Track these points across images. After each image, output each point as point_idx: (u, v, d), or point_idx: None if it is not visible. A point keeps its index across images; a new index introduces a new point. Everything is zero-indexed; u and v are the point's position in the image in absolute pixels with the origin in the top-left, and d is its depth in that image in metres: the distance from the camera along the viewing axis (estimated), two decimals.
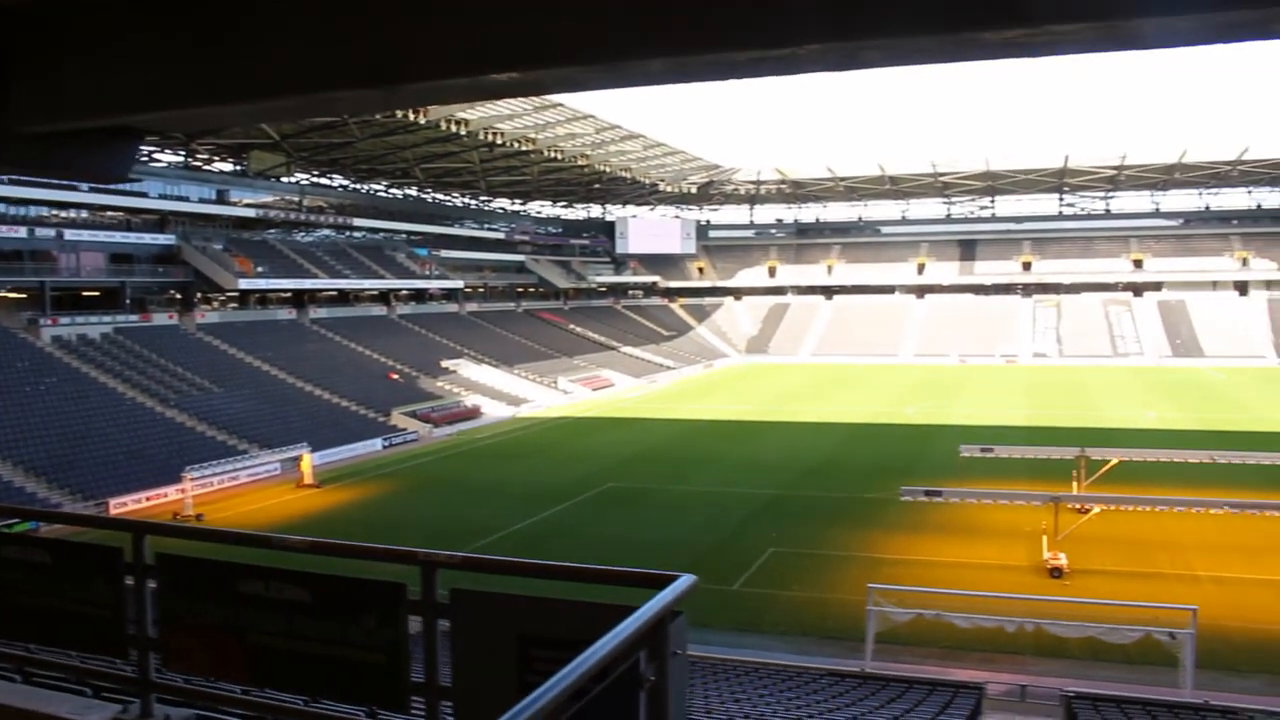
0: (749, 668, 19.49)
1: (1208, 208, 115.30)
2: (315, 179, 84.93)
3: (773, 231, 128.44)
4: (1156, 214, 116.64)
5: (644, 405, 69.41)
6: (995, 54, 3.48)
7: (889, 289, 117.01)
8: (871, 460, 46.08)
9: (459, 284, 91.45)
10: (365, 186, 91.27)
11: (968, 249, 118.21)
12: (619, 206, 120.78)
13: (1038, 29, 2.54)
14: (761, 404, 68.33)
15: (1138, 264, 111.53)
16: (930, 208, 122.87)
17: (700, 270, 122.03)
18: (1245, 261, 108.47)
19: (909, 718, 14.95)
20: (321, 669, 4.18)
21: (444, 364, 72.29)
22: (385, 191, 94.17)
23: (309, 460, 43.84)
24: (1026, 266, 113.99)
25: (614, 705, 2.72)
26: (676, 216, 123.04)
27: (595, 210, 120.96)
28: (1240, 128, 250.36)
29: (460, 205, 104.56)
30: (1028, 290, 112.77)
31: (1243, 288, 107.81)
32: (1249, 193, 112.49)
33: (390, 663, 4.04)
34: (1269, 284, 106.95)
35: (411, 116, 64.32)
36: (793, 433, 55.50)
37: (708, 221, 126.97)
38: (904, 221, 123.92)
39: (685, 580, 3.19)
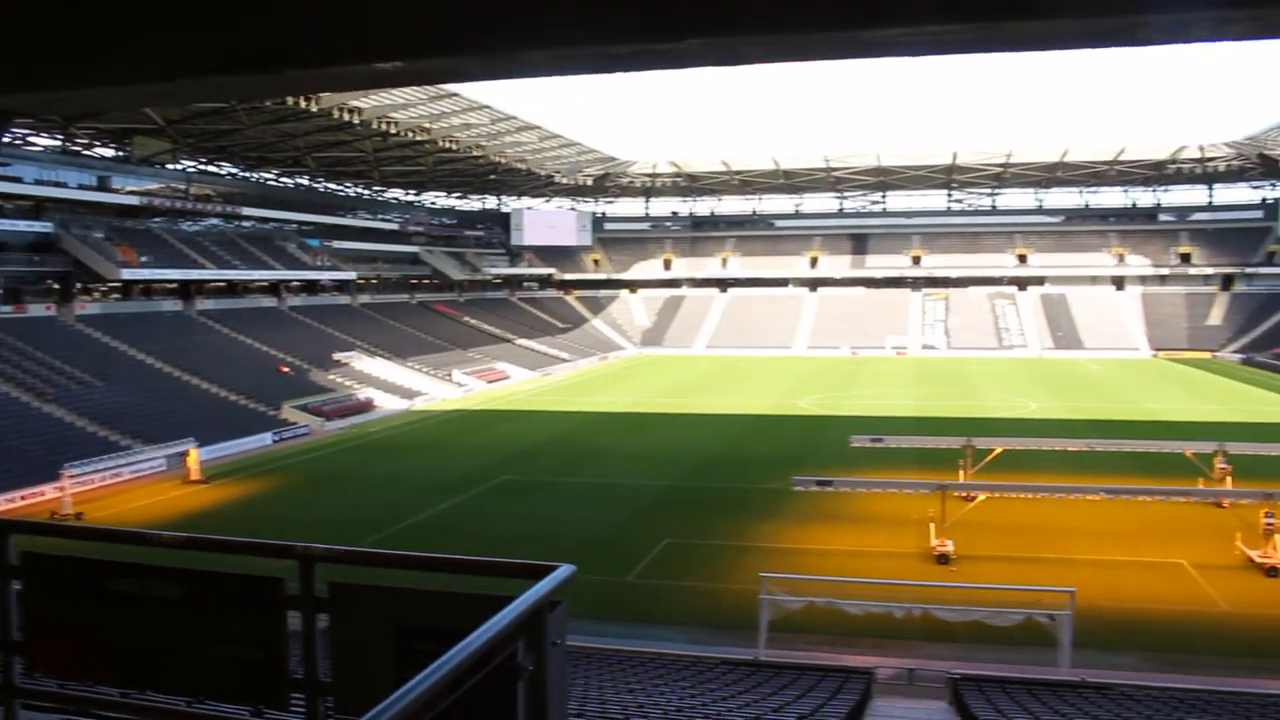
0: (644, 658, 19.59)
1: (1087, 205, 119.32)
2: (202, 166, 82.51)
3: (668, 224, 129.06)
4: (1039, 211, 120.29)
5: (540, 398, 69.20)
6: (877, 53, 3.53)
7: (783, 282, 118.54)
8: (765, 451, 46.63)
9: (352, 275, 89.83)
10: (255, 175, 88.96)
11: (859, 243, 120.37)
12: (515, 198, 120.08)
13: (917, 29, 2.58)
14: (657, 396, 68.68)
15: (1022, 259, 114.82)
16: (823, 202, 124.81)
17: (596, 263, 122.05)
18: (1122, 258, 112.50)
19: (801, 704, 15.18)
20: (198, 668, 4.07)
21: (336, 357, 71.07)
22: (276, 180, 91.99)
23: (196, 455, 42.73)
24: (916, 260, 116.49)
25: (492, 695, 2.72)
26: (572, 209, 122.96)
27: (491, 202, 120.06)
28: (1118, 130, 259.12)
29: (353, 195, 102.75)
30: (917, 284, 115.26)
31: (1119, 282, 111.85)
32: (1125, 192, 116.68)
33: (268, 659, 3.96)
34: (1143, 279, 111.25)
35: (303, 104, 63.03)
36: (688, 424, 55.91)
37: (603, 214, 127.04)
38: (797, 215, 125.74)
39: (564, 570, 3.19)
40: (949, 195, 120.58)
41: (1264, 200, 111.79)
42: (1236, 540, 28.74)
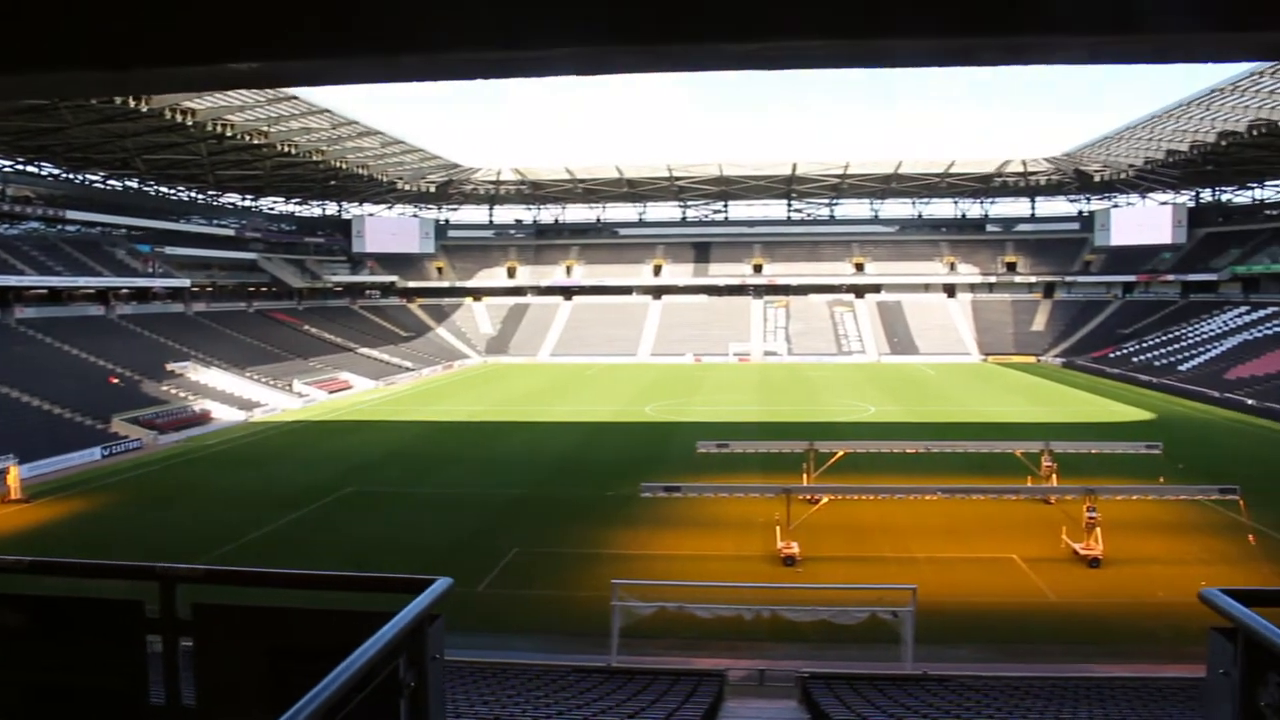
0: (495, 669, 19.38)
1: (920, 216, 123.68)
2: (20, 166, 78.40)
3: (512, 232, 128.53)
4: (876, 221, 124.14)
5: (383, 407, 67.99)
6: (737, 65, 3.51)
7: (627, 290, 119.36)
8: (613, 458, 46.81)
9: (185, 283, 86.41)
10: (80, 176, 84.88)
11: (702, 251, 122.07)
12: (356, 205, 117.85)
13: (775, 43, 2.60)
14: (503, 404, 68.24)
15: (859, 267, 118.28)
16: (667, 211, 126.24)
17: (439, 270, 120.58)
18: (953, 266, 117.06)
19: (655, 709, 15.26)
20: (52, 700, 3.84)
21: (170, 367, 68.36)
22: (103, 182, 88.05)
23: (16, 473, 40.42)
24: (758, 269, 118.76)
25: (374, 714, 2.66)
26: (415, 215, 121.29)
27: (331, 208, 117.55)
28: (948, 144, 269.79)
29: (187, 199, 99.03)
30: (759, 291, 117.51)
31: (950, 290, 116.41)
32: (955, 203, 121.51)
33: (128, 688, 3.77)
34: (973, 287, 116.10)
35: (132, 103, 60.53)
36: (535, 433, 55.68)
37: (447, 221, 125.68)
38: (641, 224, 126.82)
39: (442, 583, 3.15)
40: (789, 205, 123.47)
41: (1080, 213, 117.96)
42: (1062, 534, 30.19)
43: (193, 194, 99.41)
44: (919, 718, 14.41)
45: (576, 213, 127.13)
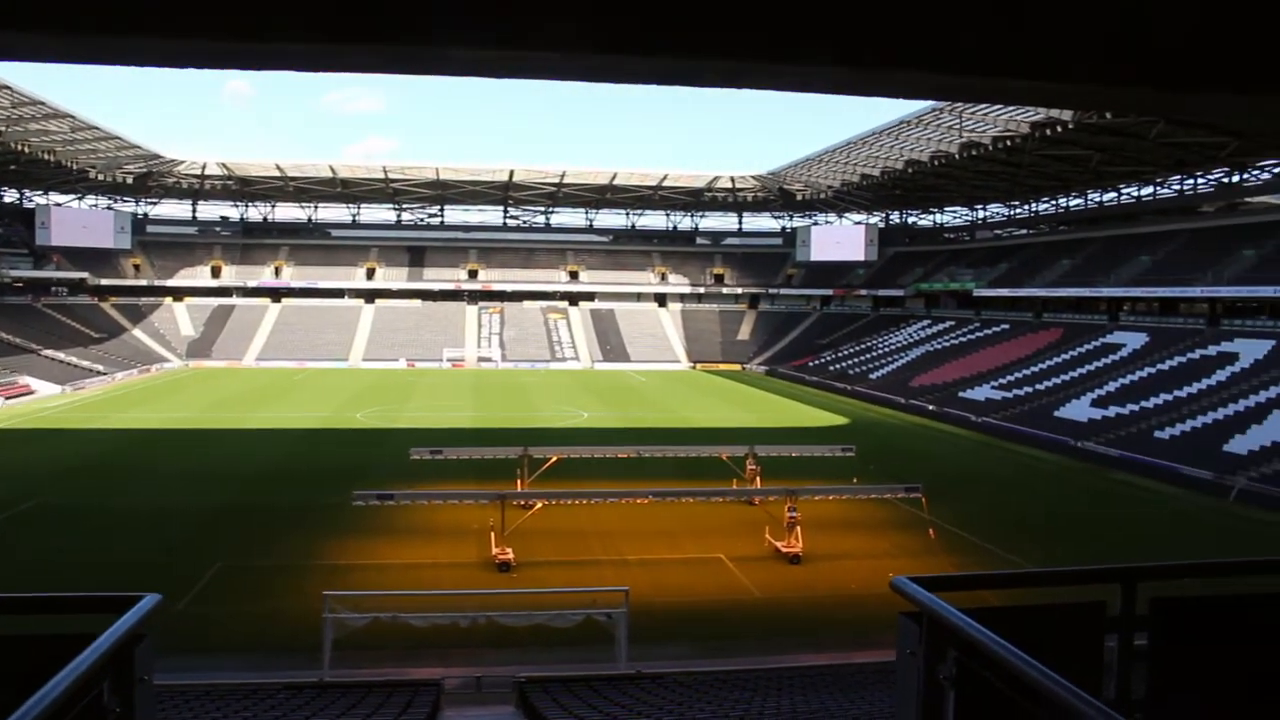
0: (199, 691, 18.39)
1: (634, 227, 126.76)
2: None
3: (217, 229, 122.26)
4: (590, 230, 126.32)
5: (73, 414, 63.08)
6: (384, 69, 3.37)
7: (339, 293, 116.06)
8: (324, 466, 45.36)
9: None
10: None
11: (417, 255, 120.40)
12: (41, 193, 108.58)
13: (437, 49, 2.59)
14: (206, 410, 64.85)
15: (574, 275, 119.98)
16: (381, 213, 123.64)
17: (136, 267, 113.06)
18: (664, 276, 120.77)
19: None
20: None
21: None
22: None
23: None
24: (473, 274, 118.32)
25: None
26: (110, 208, 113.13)
27: (11, 195, 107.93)
28: (660, 158, 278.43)
29: None
30: (474, 297, 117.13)
31: (662, 300, 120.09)
32: (668, 216, 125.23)
33: None
34: (683, 297, 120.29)
35: None
36: (241, 440, 53.19)
37: (145, 215, 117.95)
38: (355, 225, 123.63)
39: (148, 600, 2.97)
40: (506, 211, 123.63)
41: (784, 229, 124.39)
42: (765, 534, 31.75)
43: None
44: (632, 715, 14.78)
45: (287, 211, 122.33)
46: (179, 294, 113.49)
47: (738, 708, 14.60)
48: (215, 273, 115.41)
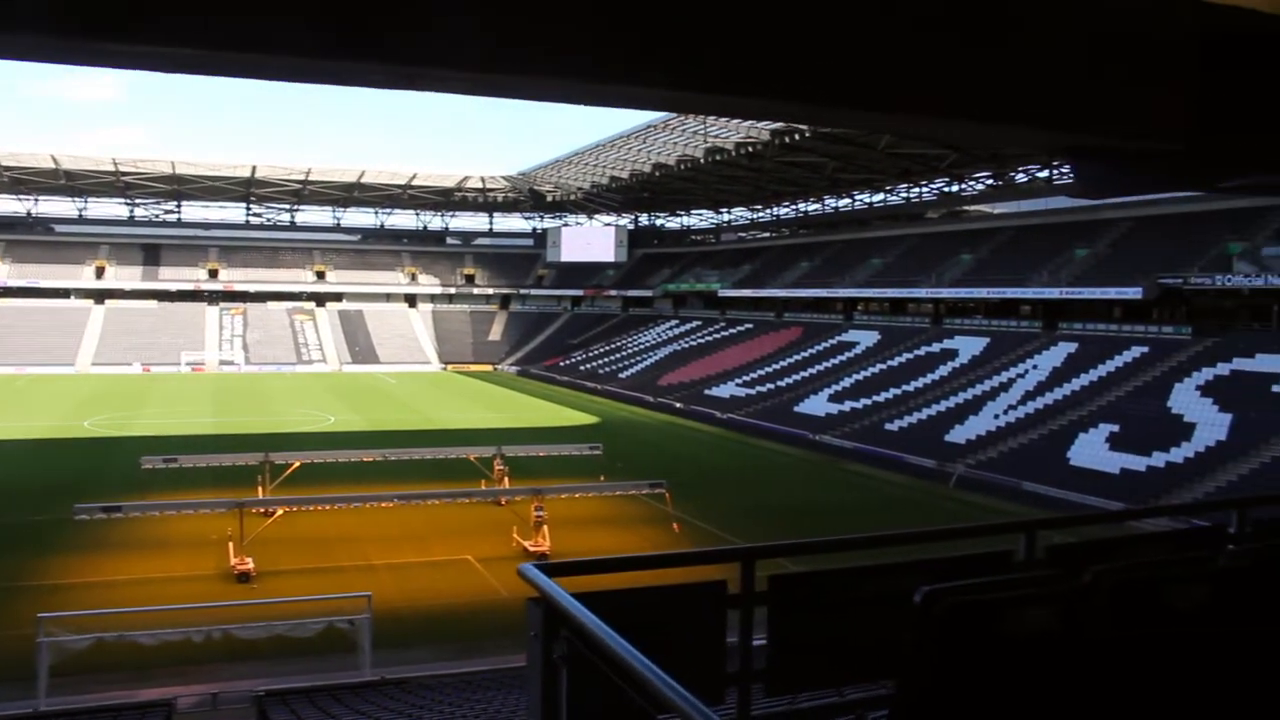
0: None
1: (383, 226, 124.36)
2: None
3: None
4: (338, 229, 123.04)
5: None
6: (127, 64, 3.35)
7: (64, 293, 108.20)
8: (42, 480, 42.21)
9: None
10: None
11: (152, 254, 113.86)
12: None
13: (156, 49, 2.64)
14: None
15: (320, 275, 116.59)
16: (112, 208, 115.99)
17: None
18: (414, 276, 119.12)
19: None
20: None
21: None
22: None
23: None
24: (214, 274, 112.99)
25: None
26: None
27: None
28: (410, 157, 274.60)
29: None
30: (214, 298, 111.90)
31: (412, 300, 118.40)
32: (417, 215, 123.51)
33: None
34: (433, 298, 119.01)
35: None
36: None
37: None
38: (82, 221, 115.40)
39: None
40: (248, 209, 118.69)
41: (535, 230, 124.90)
42: (513, 533, 31.99)
43: None
44: None
45: (3, 204, 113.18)
46: None
47: (476, 707, 14.76)
48: None
